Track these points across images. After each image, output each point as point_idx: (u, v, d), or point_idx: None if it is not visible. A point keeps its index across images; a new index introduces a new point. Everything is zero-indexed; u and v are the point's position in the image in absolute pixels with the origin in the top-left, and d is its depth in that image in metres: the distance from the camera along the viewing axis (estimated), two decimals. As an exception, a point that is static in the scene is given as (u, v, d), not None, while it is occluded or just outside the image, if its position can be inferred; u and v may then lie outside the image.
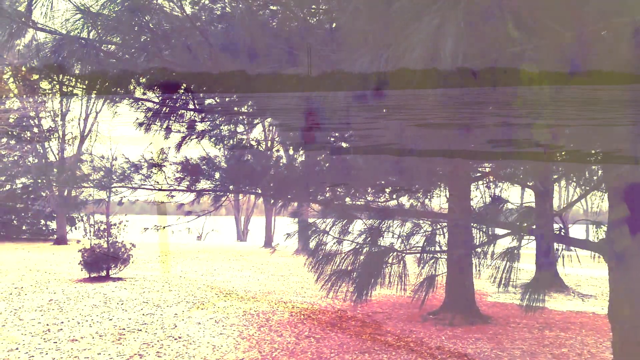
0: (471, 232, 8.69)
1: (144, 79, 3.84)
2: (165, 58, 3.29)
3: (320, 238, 4.47)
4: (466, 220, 8.33)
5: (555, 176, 9.92)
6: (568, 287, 13.11)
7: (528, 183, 11.79)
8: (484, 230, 5.18)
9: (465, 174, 7.85)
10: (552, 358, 6.69)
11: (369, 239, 4.35)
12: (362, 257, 4.28)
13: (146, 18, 3.42)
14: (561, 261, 4.91)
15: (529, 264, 13.62)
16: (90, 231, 14.05)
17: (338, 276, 4.22)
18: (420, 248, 4.99)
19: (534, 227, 5.12)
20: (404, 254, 4.48)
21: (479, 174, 9.37)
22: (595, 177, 5.84)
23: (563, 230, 4.30)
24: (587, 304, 11.24)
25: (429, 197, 5.77)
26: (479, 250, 5.00)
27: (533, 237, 6.10)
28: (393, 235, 4.69)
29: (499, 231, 5.28)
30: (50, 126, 27.56)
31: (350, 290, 4.29)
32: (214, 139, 5.19)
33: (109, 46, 3.51)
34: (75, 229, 29.08)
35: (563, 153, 4.32)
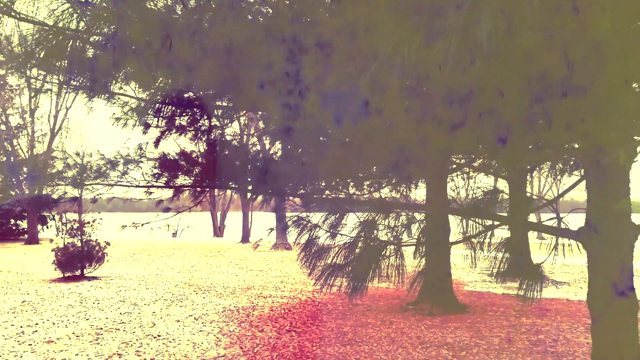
0: (448, 222, 8.80)
1: (121, 74, 3.75)
2: (155, 49, 3.20)
3: (312, 232, 4.45)
4: (442, 211, 8.43)
5: (529, 166, 10.11)
6: (543, 275, 13.40)
7: (502, 173, 11.99)
8: (461, 220, 5.23)
9: (442, 166, 7.92)
10: (529, 345, 6.83)
11: (363, 233, 4.34)
12: (357, 251, 4.27)
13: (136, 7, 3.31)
14: (534, 249, 4.98)
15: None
16: (63, 230, 13.75)
17: (332, 270, 4.20)
18: (415, 240, 5.01)
19: (507, 215, 5.19)
20: (399, 247, 4.49)
21: (454, 166, 9.48)
22: (568, 166, 5.95)
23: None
24: (561, 290, 11.50)
25: (407, 189, 5.80)
26: (454, 239, 5.04)
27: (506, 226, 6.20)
28: (383, 228, 4.70)
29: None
30: (18, 123, 26.86)
31: (344, 285, 4.27)
32: (192, 133, 5.11)
33: (97, 38, 3.40)
34: (47, 227, 28.49)
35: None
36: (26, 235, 27.07)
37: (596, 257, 3.92)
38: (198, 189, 5.20)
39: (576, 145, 4.76)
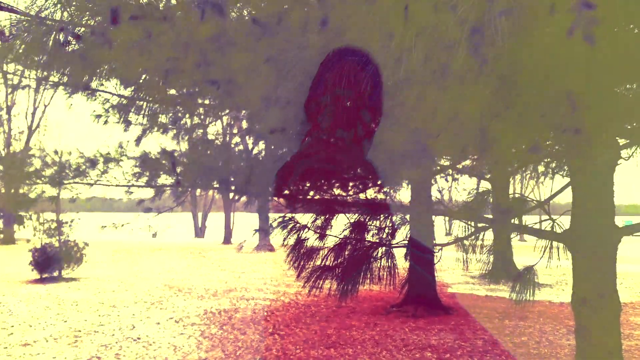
0: (432, 223, 8.79)
1: (104, 69, 3.62)
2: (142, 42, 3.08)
3: (300, 234, 4.37)
4: (426, 212, 8.41)
5: (510, 169, 10.17)
6: (535, 278, 13.47)
7: (485, 175, 12.05)
8: (445, 221, 5.20)
9: (426, 167, 7.91)
10: (513, 347, 6.84)
11: (353, 234, 4.28)
12: (346, 252, 4.20)
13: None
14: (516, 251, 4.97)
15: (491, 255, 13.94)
16: (40, 230, 13.45)
17: (320, 273, 4.14)
18: (385, 241, 4.96)
19: (491, 217, 5.17)
20: (390, 248, 4.43)
21: (438, 167, 9.48)
22: (550, 168, 5.96)
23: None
24: (542, 292, 11.58)
25: (394, 189, 5.75)
26: (438, 241, 5.01)
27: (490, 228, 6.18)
28: (373, 229, 4.64)
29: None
30: (-6, 120, 26.29)
31: (333, 287, 4.20)
32: (174, 132, 5.00)
33: (81, 29, 3.25)
34: (24, 227, 27.91)
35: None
36: (1, 235, 26.49)
37: (580, 260, 3.91)
38: (180, 189, 5.09)
39: (557, 147, 4.76)
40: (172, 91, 4.15)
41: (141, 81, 3.77)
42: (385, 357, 6.28)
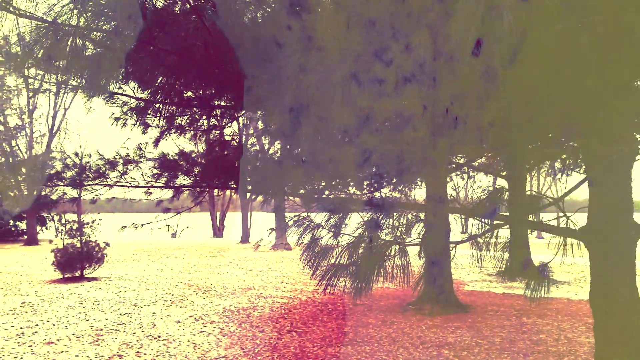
0: (448, 221, 8.76)
1: (121, 72, 3.71)
2: (159, 46, 3.15)
3: (315, 232, 4.41)
4: (442, 211, 8.40)
5: (527, 166, 10.08)
6: (549, 275, 13.34)
7: (501, 172, 11.97)
8: (461, 219, 5.20)
9: (442, 165, 7.89)
10: (531, 344, 6.81)
11: (366, 232, 4.31)
12: (360, 251, 4.24)
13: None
14: (534, 249, 4.95)
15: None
16: (62, 231, 13.71)
17: (335, 271, 4.17)
18: (400, 240, 4.98)
19: (507, 214, 5.16)
20: (404, 246, 4.46)
21: (454, 165, 9.46)
22: (567, 164, 5.92)
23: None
24: (561, 290, 11.48)
25: (409, 188, 5.76)
26: (454, 239, 5.01)
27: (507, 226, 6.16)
28: (387, 228, 4.66)
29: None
30: (17, 124, 26.81)
31: (347, 285, 4.24)
32: (192, 133, 5.08)
33: (97, 34, 3.34)
34: (46, 229, 28.43)
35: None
36: (25, 237, 27.01)
37: (598, 256, 3.90)
38: (198, 189, 5.17)
39: (575, 144, 4.73)
40: (189, 93, 4.23)
41: (158, 84, 3.86)
42: (402, 355, 6.30)
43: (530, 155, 5.86)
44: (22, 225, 28.39)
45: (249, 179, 5.57)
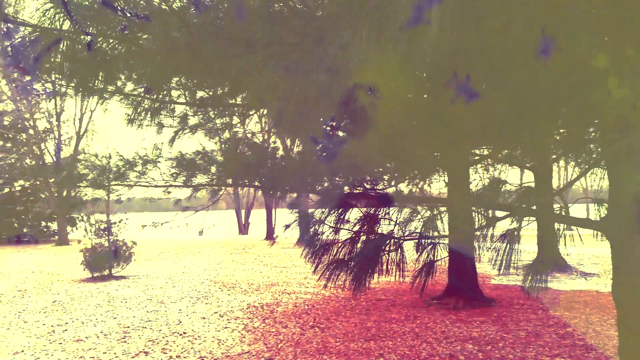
0: (471, 215, 8.67)
1: (134, 74, 3.76)
2: (145, 47, 3.19)
3: (317, 228, 4.42)
4: (466, 204, 8.30)
5: (554, 156, 9.89)
6: (571, 267, 13.12)
7: (527, 164, 11.76)
8: (482, 213, 5.13)
9: (464, 158, 7.80)
10: (557, 338, 6.69)
11: (365, 227, 4.31)
12: (359, 246, 4.23)
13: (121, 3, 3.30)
14: (562, 241, 4.85)
15: (530, 245, 13.63)
16: (90, 231, 14.03)
17: (335, 266, 4.18)
18: (418, 234, 4.95)
19: (534, 207, 5.08)
20: (401, 241, 4.43)
21: (477, 157, 9.33)
22: (593, 155, 5.79)
23: (564, 210, 4.25)
24: (590, 282, 11.25)
25: (428, 182, 5.72)
26: (478, 233, 4.95)
27: (534, 218, 6.05)
28: (389, 222, 4.65)
29: (499, 213, 5.23)
30: (45, 127, 27.47)
31: (348, 280, 4.24)
32: (208, 132, 5.13)
33: (85, 37, 3.40)
34: (76, 229, 29.10)
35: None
36: (57, 237, 27.70)
37: (619, 247, 3.81)
38: (215, 187, 5.23)
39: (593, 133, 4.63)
40: (202, 93, 4.27)
41: (171, 85, 3.90)
42: (425, 350, 6.27)
43: (553, 146, 5.75)
44: (54, 226, 29.14)
45: (267, 176, 5.60)
